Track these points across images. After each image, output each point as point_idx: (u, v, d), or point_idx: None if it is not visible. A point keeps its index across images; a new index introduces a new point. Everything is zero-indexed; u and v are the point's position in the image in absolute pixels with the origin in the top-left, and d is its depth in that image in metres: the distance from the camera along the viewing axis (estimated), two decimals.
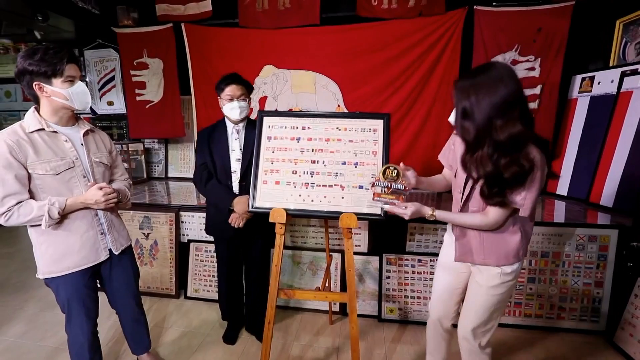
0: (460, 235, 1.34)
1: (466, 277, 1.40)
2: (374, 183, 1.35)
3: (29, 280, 2.84)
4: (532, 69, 2.67)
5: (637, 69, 2.29)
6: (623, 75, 2.36)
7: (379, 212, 1.48)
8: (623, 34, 2.49)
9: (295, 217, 1.98)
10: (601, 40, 2.62)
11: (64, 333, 1.50)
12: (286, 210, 1.52)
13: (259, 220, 1.71)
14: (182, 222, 2.56)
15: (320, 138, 1.61)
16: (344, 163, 1.57)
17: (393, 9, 2.77)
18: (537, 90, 2.68)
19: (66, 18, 3.38)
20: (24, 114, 1.33)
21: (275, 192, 1.58)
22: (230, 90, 1.74)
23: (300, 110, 1.79)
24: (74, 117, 1.42)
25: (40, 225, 1.28)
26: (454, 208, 1.37)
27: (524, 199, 1.13)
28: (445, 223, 1.42)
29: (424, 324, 1.63)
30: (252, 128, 1.71)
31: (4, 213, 1.23)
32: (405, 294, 2.25)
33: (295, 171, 1.59)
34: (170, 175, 3.62)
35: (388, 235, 2.31)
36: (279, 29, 2.95)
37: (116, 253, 1.51)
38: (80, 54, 3.50)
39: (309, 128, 1.63)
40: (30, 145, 1.26)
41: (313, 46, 2.95)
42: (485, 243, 1.26)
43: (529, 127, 1.10)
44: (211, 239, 2.02)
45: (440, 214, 1.29)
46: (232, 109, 1.76)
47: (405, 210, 1.30)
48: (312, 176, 1.58)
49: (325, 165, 1.58)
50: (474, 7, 2.66)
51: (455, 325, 1.46)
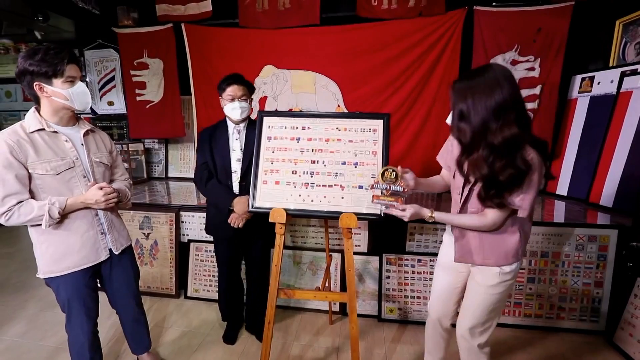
0: (459, 236, 1.34)
1: (465, 277, 1.40)
2: (372, 185, 1.35)
3: (29, 280, 2.85)
4: (532, 69, 2.67)
5: (637, 69, 2.29)
6: (623, 75, 2.36)
7: (379, 212, 1.48)
8: (623, 34, 2.49)
9: (295, 217, 1.98)
10: (601, 41, 2.62)
11: (64, 333, 1.51)
12: (286, 210, 1.52)
13: (259, 220, 1.71)
14: (182, 222, 2.56)
15: (320, 138, 1.61)
16: (344, 163, 1.57)
17: (393, 9, 2.77)
18: (537, 90, 2.68)
19: (66, 18, 3.39)
20: (25, 114, 1.34)
21: (275, 192, 1.59)
22: (232, 90, 1.74)
23: (300, 111, 1.79)
24: (75, 117, 1.43)
25: (40, 225, 1.28)
26: (453, 209, 1.37)
27: (522, 200, 1.14)
28: (444, 224, 1.42)
29: (424, 323, 1.63)
30: (253, 128, 1.71)
31: (4, 213, 1.24)
32: (405, 294, 2.26)
33: (295, 171, 1.59)
34: (170, 175, 3.62)
35: (388, 235, 2.31)
36: (279, 29, 2.96)
37: (116, 253, 1.51)
38: (80, 54, 3.51)
39: (308, 128, 1.63)
40: (30, 145, 1.27)
41: (313, 46, 2.95)
42: (484, 243, 1.27)
43: (526, 129, 1.11)
44: (211, 238, 2.02)
45: (439, 216, 1.30)
46: (233, 109, 1.76)
47: (405, 212, 1.30)
48: (312, 176, 1.58)
49: (325, 165, 1.58)
50: (474, 7, 2.66)
51: (454, 325, 1.47)
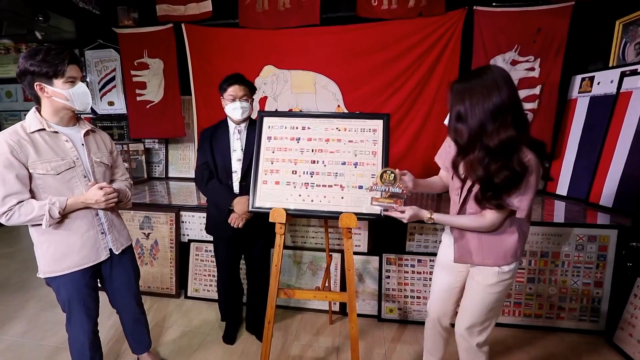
0: (459, 236, 1.34)
1: (464, 276, 1.40)
2: (371, 187, 1.36)
3: (29, 279, 2.85)
4: (532, 69, 2.67)
5: (637, 69, 2.29)
6: (623, 75, 2.36)
7: (379, 212, 1.49)
8: (623, 34, 2.49)
9: (295, 217, 1.98)
10: (601, 41, 2.63)
11: (64, 332, 1.51)
12: (286, 210, 1.52)
13: (259, 220, 1.72)
14: (183, 222, 2.57)
15: (320, 138, 1.62)
16: (344, 163, 1.58)
17: (393, 10, 2.77)
18: (536, 90, 2.68)
19: (67, 18, 3.39)
20: (25, 114, 1.34)
21: (275, 192, 1.59)
22: (233, 90, 1.74)
23: (300, 111, 1.79)
24: (75, 118, 1.43)
25: (41, 224, 1.28)
26: (452, 209, 1.38)
27: (520, 201, 1.14)
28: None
29: (423, 323, 1.63)
30: (254, 128, 1.72)
31: (5, 212, 1.24)
32: (405, 294, 2.26)
33: (295, 171, 1.60)
34: (170, 175, 3.62)
35: (388, 235, 2.31)
36: (279, 29, 2.96)
37: (116, 253, 1.52)
38: (80, 54, 3.51)
39: (308, 128, 1.64)
40: (31, 145, 1.27)
41: (313, 46, 2.95)
42: (483, 244, 1.27)
43: (523, 131, 1.11)
44: (211, 238, 2.02)
45: (438, 217, 1.30)
46: (234, 109, 1.76)
47: (404, 214, 1.30)
48: (312, 176, 1.58)
49: (325, 166, 1.59)
50: (474, 7, 2.66)
51: (454, 325, 1.47)
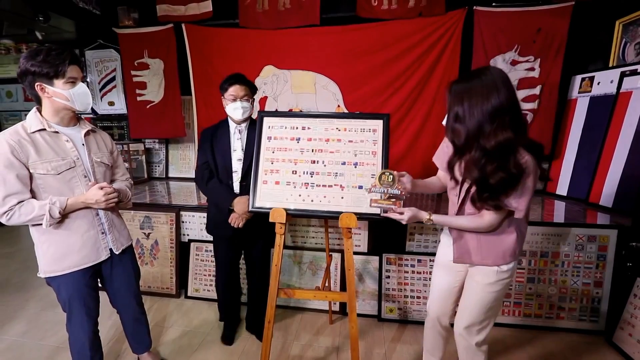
0: (457, 237, 1.35)
1: (463, 276, 1.41)
2: (370, 189, 1.36)
3: (29, 279, 2.85)
4: (532, 69, 2.67)
5: (637, 69, 2.29)
6: (622, 75, 2.36)
7: (378, 212, 1.49)
8: (623, 35, 2.49)
9: (295, 217, 1.99)
10: (601, 41, 2.63)
11: (65, 332, 1.51)
12: (286, 210, 1.52)
13: (260, 220, 1.72)
14: (183, 222, 2.57)
15: (320, 138, 1.62)
16: (344, 163, 1.58)
17: (393, 10, 2.77)
18: (536, 90, 2.68)
19: (67, 18, 3.39)
20: (25, 114, 1.35)
21: (275, 192, 1.59)
22: (234, 90, 1.75)
23: (301, 111, 1.79)
24: (76, 118, 1.43)
25: (41, 224, 1.29)
26: (451, 210, 1.38)
27: (518, 202, 1.15)
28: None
29: (423, 323, 1.63)
30: (255, 128, 1.72)
31: (5, 212, 1.25)
32: (404, 294, 2.26)
33: (295, 171, 1.60)
34: (170, 175, 3.63)
35: (388, 235, 2.31)
36: (279, 30, 2.96)
37: (117, 253, 1.52)
38: (81, 55, 3.51)
39: (308, 128, 1.64)
40: (31, 145, 1.27)
41: (313, 47, 2.95)
42: (482, 244, 1.28)
43: (520, 133, 1.11)
44: (212, 238, 2.02)
45: (437, 218, 1.30)
46: (235, 109, 1.76)
47: (402, 215, 1.31)
48: (312, 176, 1.59)
49: (325, 166, 1.59)
50: (474, 7, 2.66)
51: (453, 324, 1.47)
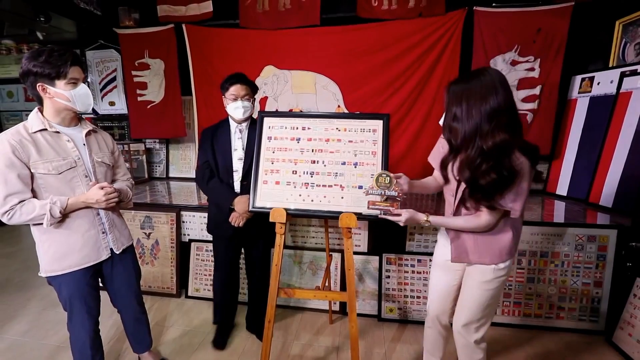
0: (454, 237, 1.36)
1: (461, 275, 1.42)
2: (367, 192, 1.37)
3: (30, 279, 2.86)
4: (532, 69, 2.67)
5: (637, 70, 2.30)
6: (622, 75, 2.37)
7: (377, 214, 1.49)
8: (623, 35, 2.50)
9: (295, 217, 1.99)
10: (601, 41, 2.63)
11: (66, 331, 1.52)
12: (286, 210, 1.53)
13: (260, 220, 1.72)
14: (183, 221, 2.57)
15: (320, 138, 1.62)
16: (344, 163, 1.58)
17: (393, 10, 2.78)
18: (536, 90, 2.68)
19: (68, 19, 3.39)
20: (26, 114, 1.35)
21: (275, 192, 1.60)
22: (235, 89, 1.75)
23: (301, 111, 1.80)
24: (77, 118, 1.44)
25: (42, 224, 1.29)
26: (447, 210, 1.39)
27: (513, 203, 1.17)
28: None
29: (423, 323, 1.63)
30: (255, 128, 1.72)
31: (6, 211, 1.25)
32: (404, 294, 2.26)
33: (295, 171, 1.60)
34: (171, 175, 3.63)
35: (388, 235, 2.31)
36: (280, 30, 2.96)
37: (117, 252, 1.52)
38: (82, 55, 3.52)
39: (309, 128, 1.64)
40: (33, 145, 1.28)
41: (313, 47, 2.96)
42: (479, 243, 1.29)
43: (516, 134, 1.13)
44: (212, 238, 2.03)
45: (434, 220, 1.31)
46: (235, 108, 1.77)
47: (400, 217, 1.32)
48: (312, 176, 1.59)
49: (325, 166, 1.59)
50: (474, 7, 2.66)
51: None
